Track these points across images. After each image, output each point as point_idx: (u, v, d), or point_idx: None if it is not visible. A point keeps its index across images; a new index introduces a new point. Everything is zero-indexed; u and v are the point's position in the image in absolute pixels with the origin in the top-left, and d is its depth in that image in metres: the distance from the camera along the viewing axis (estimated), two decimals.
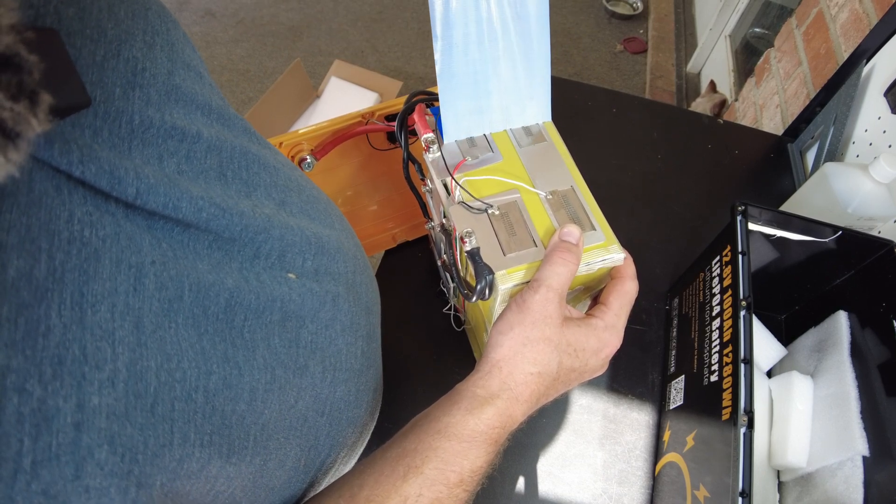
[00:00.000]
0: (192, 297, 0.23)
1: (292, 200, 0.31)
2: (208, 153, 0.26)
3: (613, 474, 0.54)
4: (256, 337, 0.26)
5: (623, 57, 2.22)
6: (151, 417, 0.19)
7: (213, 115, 0.27)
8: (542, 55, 0.40)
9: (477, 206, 0.39)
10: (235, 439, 0.23)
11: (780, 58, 1.12)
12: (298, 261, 0.30)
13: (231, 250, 0.26)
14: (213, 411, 0.22)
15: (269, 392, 0.26)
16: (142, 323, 0.20)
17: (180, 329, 0.22)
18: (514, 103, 0.42)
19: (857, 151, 0.75)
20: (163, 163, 0.23)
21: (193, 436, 0.21)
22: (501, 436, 0.32)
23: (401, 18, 2.30)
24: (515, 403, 0.32)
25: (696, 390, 0.50)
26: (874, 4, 0.83)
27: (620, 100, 0.89)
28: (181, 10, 2.24)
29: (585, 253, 0.38)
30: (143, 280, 0.20)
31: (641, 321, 0.64)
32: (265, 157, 0.30)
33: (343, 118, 0.50)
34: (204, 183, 0.25)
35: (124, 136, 0.22)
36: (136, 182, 0.21)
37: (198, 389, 0.21)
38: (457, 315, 0.60)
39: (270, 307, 0.27)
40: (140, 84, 0.23)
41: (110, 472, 0.17)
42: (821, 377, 0.51)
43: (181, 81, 0.26)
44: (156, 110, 0.23)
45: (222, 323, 0.24)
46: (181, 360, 0.21)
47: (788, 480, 0.50)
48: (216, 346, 0.23)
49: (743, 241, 0.47)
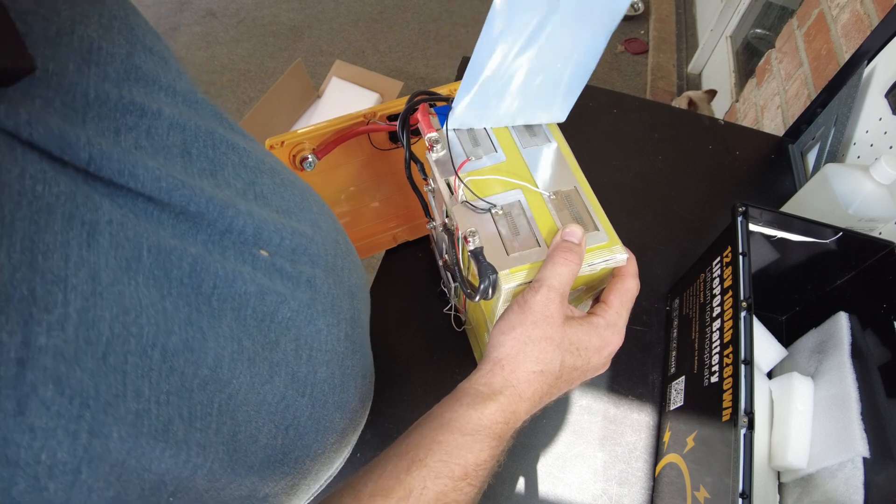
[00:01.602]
0: (151, 258, 0.23)
1: (263, 182, 0.31)
2: (171, 130, 0.26)
3: (614, 475, 0.54)
4: (225, 306, 0.26)
5: (624, 58, 2.22)
6: (103, 365, 0.19)
7: (178, 98, 0.27)
8: (588, 65, 0.40)
9: (480, 205, 0.39)
10: (197, 404, 0.23)
11: (781, 59, 1.12)
12: (276, 239, 0.30)
13: (195, 223, 0.26)
14: (171, 371, 0.22)
15: (237, 362, 0.26)
16: (98, 276, 0.20)
17: (141, 287, 0.22)
18: (530, 105, 0.42)
19: (858, 152, 0.75)
20: (120, 136, 0.23)
21: (148, 391, 0.21)
22: (505, 432, 0.32)
23: (402, 19, 2.30)
24: (518, 400, 0.32)
25: (697, 391, 0.50)
26: (875, 5, 0.83)
27: (621, 100, 0.89)
28: (182, 10, 2.24)
29: (588, 253, 0.38)
30: (97, 237, 0.20)
31: (642, 322, 0.64)
32: (234, 140, 0.30)
33: (345, 118, 0.50)
34: (164, 159, 0.25)
35: (78, 108, 0.22)
36: (87, 148, 0.21)
37: (155, 347, 0.21)
38: (457, 315, 0.60)
39: (241, 277, 0.27)
40: (96, 61, 0.23)
41: (57, 413, 0.17)
42: (821, 378, 0.51)
43: (142, 63, 0.26)
44: (113, 86, 0.24)
45: (187, 288, 0.24)
46: (139, 316, 0.21)
47: (789, 482, 0.50)
48: (179, 308, 0.23)
49: (743, 241, 0.47)
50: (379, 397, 0.56)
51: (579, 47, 0.38)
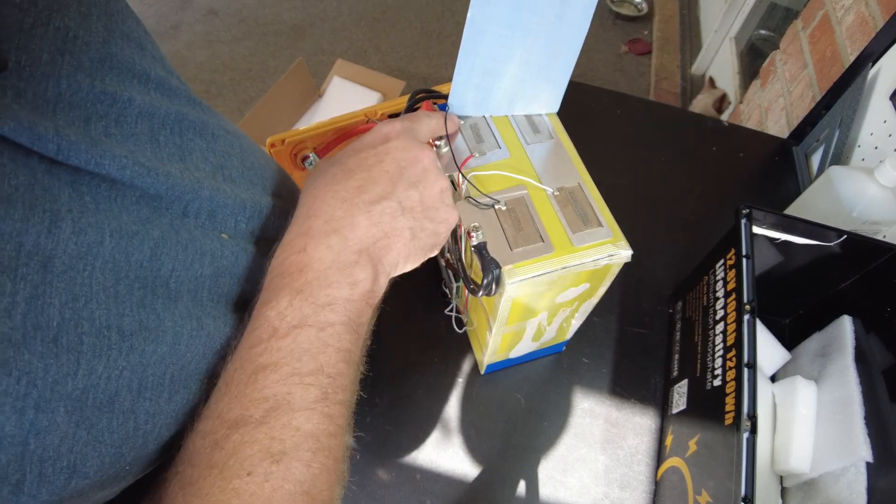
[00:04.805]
0: (113, 242, 0.24)
1: (231, 165, 0.32)
2: (139, 118, 0.27)
3: (615, 478, 0.54)
4: (182, 288, 0.27)
5: (627, 58, 2.21)
6: (54, 347, 0.21)
7: (151, 84, 0.28)
8: (572, 52, 0.40)
9: (484, 201, 0.39)
10: (150, 377, 0.24)
11: (785, 60, 1.12)
12: (231, 222, 0.31)
13: (159, 207, 0.27)
14: (131, 349, 0.23)
15: (195, 339, 0.26)
16: (51, 263, 0.21)
17: (96, 272, 0.23)
18: (523, 92, 0.42)
19: (862, 155, 0.75)
20: (90, 125, 0.25)
21: (102, 369, 0.22)
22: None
23: (404, 18, 2.29)
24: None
25: (699, 395, 0.49)
26: (880, 7, 0.83)
27: (625, 101, 0.88)
28: (184, 8, 2.24)
29: (592, 249, 0.37)
30: (59, 223, 0.22)
31: (644, 325, 0.63)
32: (206, 123, 0.31)
33: (346, 116, 0.50)
34: (133, 146, 0.26)
35: (50, 99, 0.23)
36: (56, 139, 0.22)
37: (110, 328, 0.23)
38: (458, 317, 0.60)
39: (200, 260, 0.28)
40: (70, 51, 0.24)
41: (4, 392, 0.19)
42: (825, 382, 0.51)
43: (118, 50, 0.27)
44: (86, 76, 0.25)
45: (146, 270, 0.25)
46: (89, 302, 0.22)
47: (791, 486, 0.50)
48: (133, 291, 0.24)
49: (747, 244, 0.47)
50: (379, 398, 0.56)
51: (560, 35, 0.39)
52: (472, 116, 0.44)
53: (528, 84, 0.42)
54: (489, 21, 0.36)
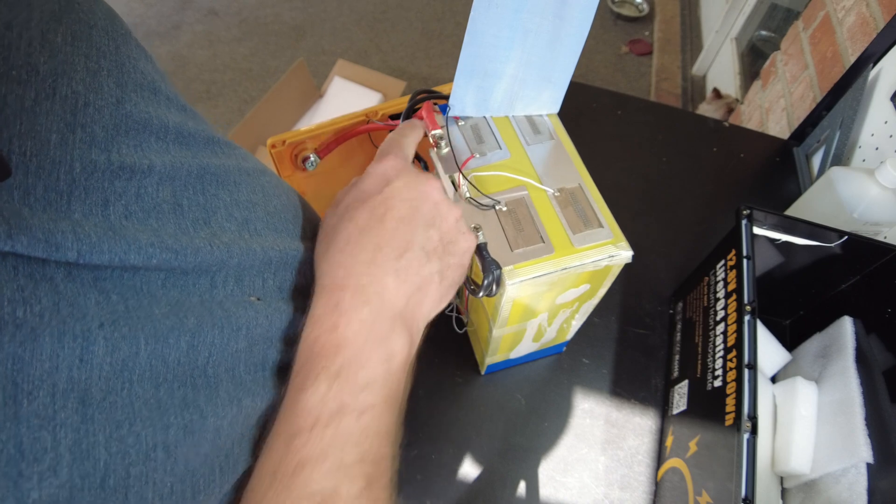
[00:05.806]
0: (149, 349, 0.21)
1: (256, 216, 0.30)
2: (160, 185, 0.24)
3: (615, 479, 0.54)
4: (220, 371, 0.24)
5: (628, 59, 2.21)
6: (102, 492, 0.18)
7: (170, 137, 0.26)
8: (573, 53, 0.40)
9: (485, 202, 0.39)
10: (200, 479, 0.23)
11: (786, 61, 1.12)
12: (258, 282, 0.28)
13: (186, 284, 0.24)
14: (175, 463, 0.21)
15: (234, 425, 0.25)
16: (89, 394, 0.19)
17: (134, 386, 0.20)
18: (524, 92, 0.42)
19: (863, 156, 0.75)
20: (108, 208, 0.22)
21: (151, 495, 0.20)
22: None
23: (405, 18, 2.30)
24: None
25: (700, 395, 0.49)
26: (881, 8, 0.82)
27: (625, 102, 0.88)
28: (184, 8, 2.25)
29: (592, 250, 0.37)
30: (92, 348, 0.19)
31: (645, 325, 0.63)
32: (227, 169, 0.29)
33: (346, 117, 0.50)
34: (156, 221, 0.23)
35: (63, 190, 0.20)
36: (76, 244, 0.19)
37: (156, 448, 0.20)
38: (458, 317, 0.60)
39: (235, 336, 0.25)
40: (82, 123, 0.21)
41: None
42: (825, 383, 0.51)
43: (132, 108, 0.24)
44: (101, 151, 0.22)
45: (183, 367, 0.23)
46: (133, 424, 0.20)
47: (792, 487, 0.50)
48: (174, 393, 0.22)
49: (748, 245, 0.47)
50: None
51: (561, 36, 0.39)
52: (473, 117, 0.44)
53: (529, 85, 0.42)
54: (491, 22, 0.36)
